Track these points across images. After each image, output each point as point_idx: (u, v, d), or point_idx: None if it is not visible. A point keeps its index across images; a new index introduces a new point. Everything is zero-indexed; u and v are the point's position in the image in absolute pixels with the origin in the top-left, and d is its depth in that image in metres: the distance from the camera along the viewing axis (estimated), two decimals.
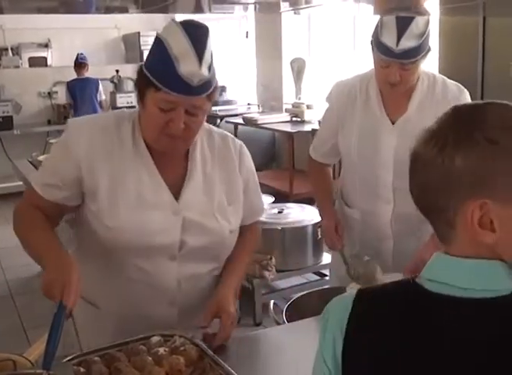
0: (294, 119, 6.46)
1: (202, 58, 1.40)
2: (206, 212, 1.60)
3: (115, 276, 1.59)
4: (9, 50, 7.95)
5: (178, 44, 1.39)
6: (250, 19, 7.88)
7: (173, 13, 7.13)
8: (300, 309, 1.92)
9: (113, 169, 1.55)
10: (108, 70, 7.77)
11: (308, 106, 6.42)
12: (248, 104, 7.79)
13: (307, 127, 5.98)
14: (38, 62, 8.09)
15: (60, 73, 7.75)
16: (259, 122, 6.52)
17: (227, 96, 7.94)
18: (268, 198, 4.36)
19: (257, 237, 1.86)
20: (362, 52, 5.78)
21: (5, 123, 7.09)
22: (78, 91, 7.25)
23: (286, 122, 6.46)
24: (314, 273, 4.10)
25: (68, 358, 1.36)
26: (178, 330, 1.50)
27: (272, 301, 2.36)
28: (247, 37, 7.94)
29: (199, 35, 1.42)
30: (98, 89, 7.36)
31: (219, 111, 7.32)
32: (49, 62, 8.19)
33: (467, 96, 2.08)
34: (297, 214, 3.92)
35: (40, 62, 8.10)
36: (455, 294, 0.84)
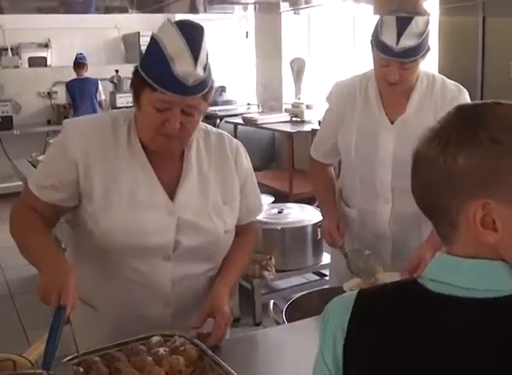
0: (294, 119, 6.46)
1: (197, 58, 1.40)
2: (201, 212, 1.59)
3: (111, 277, 1.59)
4: (9, 50, 7.95)
5: (173, 44, 1.40)
6: (250, 19, 7.88)
7: (173, 13, 7.13)
8: (299, 309, 1.92)
9: (108, 169, 1.55)
10: (107, 70, 7.77)
11: (308, 106, 6.41)
12: (248, 104, 7.79)
13: (307, 127, 5.97)
14: (38, 62, 8.08)
15: (60, 73, 7.75)
16: (259, 122, 6.52)
17: (227, 96, 7.94)
18: (268, 198, 4.35)
19: (255, 237, 1.85)
20: (362, 52, 5.78)
21: (5, 123, 7.09)
22: (77, 91, 7.25)
23: (286, 122, 6.46)
24: (314, 273, 4.10)
25: (68, 358, 1.36)
26: (178, 330, 1.50)
27: (272, 301, 2.36)
28: (246, 37, 7.93)
29: (194, 35, 1.42)
30: (98, 89, 7.36)
31: (219, 111, 7.31)
32: (49, 62, 8.19)
33: (467, 96, 2.08)
34: (297, 214, 3.91)
35: (40, 62, 8.09)
36: (457, 294, 0.83)
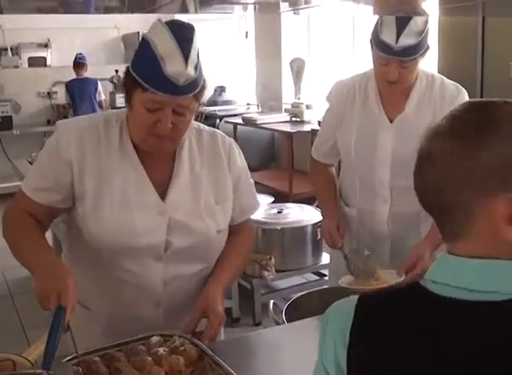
0: (293, 119, 6.46)
1: (188, 58, 1.40)
2: (192, 213, 1.59)
3: (104, 277, 1.59)
4: (9, 50, 7.95)
5: (164, 44, 1.39)
6: (250, 19, 7.88)
7: (173, 13, 7.13)
8: (299, 309, 1.92)
9: (100, 169, 1.55)
10: (107, 70, 7.77)
11: (308, 106, 6.41)
12: (247, 104, 7.79)
13: (307, 127, 5.97)
14: (38, 62, 8.08)
15: (60, 73, 7.76)
16: (258, 122, 6.51)
17: (226, 96, 7.94)
18: (268, 198, 4.35)
19: (250, 236, 1.83)
20: (361, 52, 5.78)
21: (5, 123, 7.09)
22: (77, 91, 7.25)
23: (286, 122, 6.45)
24: (314, 273, 4.10)
25: (67, 358, 1.36)
26: (177, 330, 1.50)
27: (272, 301, 2.36)
28: (246, 37, 7.94)
29: (185, 35, 1.42)
30: (97, 89, 7.36)
31: (218, 111, 7.32)
32: (49, 62, 8.19)
33: (466, 96, 2.08)
34: (297, 214, 3.91)
35: (40, 62, 8.09)
36: (460, 297, 0.82)
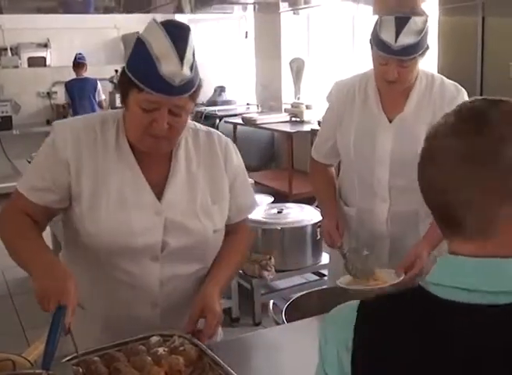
0: (293, 119, 6.46)
1: (183, 58, 1.40)
2: (188, 213, 1.59)
3: (100, 277, 1.58)
4: (8, 50, 7.96)
5: (159, 44, 1.39)
6: (250, 19, 7.88)
7: (172, 13, 7.13)
8: (299, 309, 1.92)
9: (97, 170, 1.55)
10: (107, 70, 7.77)
11: (307, 106, 6.41)
12: (247, 104, 7.79)
13: (307, 127, 5.97)
14: (37, 62, 8.08)
15: (59, 73, 7.76)
16: (258, 122, 6.51)
17: (226, 96, 7.94)
18: (268, 198, 4.35)
19: (248, 235, 1.82)
20: (361, 52, 5.78)
21: (4, 123, 7.09)
22: (76, 91, 7.25)
23: (285, 122, 6.46)
24: (314, 273, 4.10)
25: (67, 358, 1.36)
26: (177, 330, 1.50)
27: (272, 301, 2.35)
28: (246, 37, 7.94)
29: (180, 35, 1.42)
30: (97, 89, 7.36)
31: (218, 111, 7.32)
32: (48, 62, 8.19)
33: (465, 96, 2.08)
34: (297, 214, 3.91)
35: (40, 62, 8.10)
36: (460, 300, 0.82)
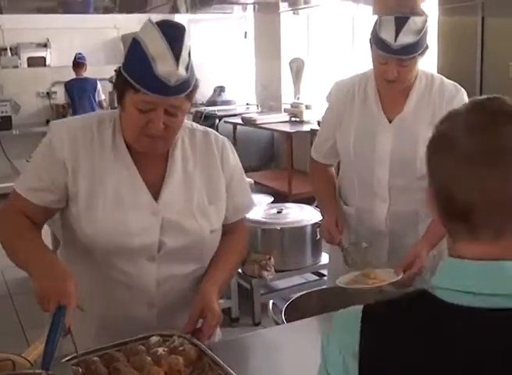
0: (293, 119, 6.46)
1: (179, 58, 1.40)
2: (185, 213, 1.59)
3: (97, 278, 1.58)
4: (8, 50, 7.96)
5: (154, 44, 1.39)
6: (249, 19, 7.88)
7: (176, 13, 7.13)
8: (299, 309, 1.92)
9: (94, 170, 1.54)
10: (107, 70, 7.76)
11: (307, 106, 6.41)
12: (247, 104, 7.79)
13: (306, 127, 5.97)
14: (37, 62, 8.09)
15: (59, 73, 7.76)
16: (258, 122, 6.51)
17: (226, 96, 7.94)
18: (267, 198, 4.35)
19: (245, 235, 1.82)
20: (361, 52, 5.79)
21: (4, 123, 7.09)
22: (76, 91, 7.25)
23: (285, 122, 6.46)
24: (313, 273, 4.10)
25: (67, 358, 1.36)
26: (177, 330, 1.50)
27: (271, 301, 2.35)
28: (245, 37, 7.94)
29: (175, 35, 1.42)
30: (96, 89, 7.36)
31: (218, 111, 7.31)
32: (48, 62, 8.20)
33: (465, 96, 2.08)
34: (296, 214, 3.91)
35: (39, 62, 8.10)
36: (466, 304, 0.81)
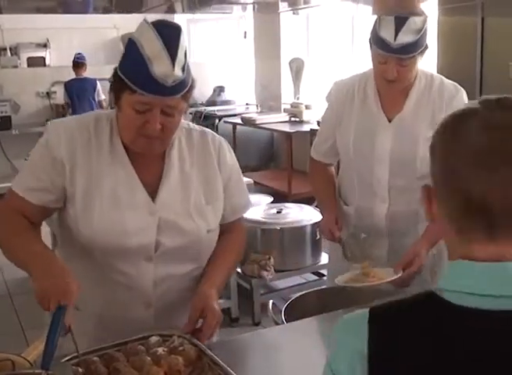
0: (293, 119, 6.46)
1: (175, 59, 1.39)
2: (182, 212, 1.59)
3: (94, 277, 1.58)
4: (8, 50, 7.96)
5: (150, 44, 1.39)
6: (249, 19, 7.88)
7: (172, 13, 7.13)
8: (298, 309, 1.92)
9: (91, 170, 1.54)
10: (106, 70, 7.68)
11: (307, 106, 6.42)
12: (247, 104, 7.79)
13: (306, 127, 5.98)
14: (37, 62, 8.09)
15: (58, 72, 7.75)
16: (257, 122, 6.51)
17: (225, 96, 7.94)
18: (267, 198, 4.35)
19: (242, 235, 1.82)
20: (360, 52, 5.79)
21: (4, 123, 7.08)
22: (76, 91, 7.24)
23: (285, 122, 6.46)
24: (313, 273, 4.10)
25: (67, 358, 1.36)
26: (177, 330, 1.50)
27: (271, 301, 2.35)
28: (245, 37, 7.94)
29: (171, 35, 1.41)
30: (96, 89, 7.36)
31: (217, 111, 7.31)
32: (47, 62, 8.20)
33: (464, 95, 2.09)
34: (296, 214, 3.91)
35: (39, 62, 8.10)
36: (473, 306, 0.80)
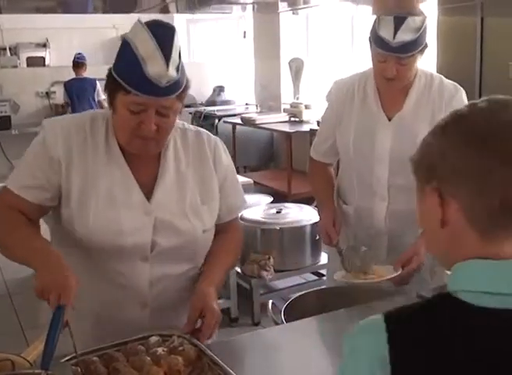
0: (292, 119, 6.46)
1: (169, 59, 1.39)
2: (178, 213, 1.58)
3: (90, 277, 1.57)
4: (7, 50, 7.96)
5: (144, 45, 1.39)
6: (249, 19, 7.88)
7: (173, 13, 7.13)
8: (298, 309, 1.91)
9: (87, 169, 1.54)
10: (105, 70, 7.67)
11: (306, 106, 6.42)
12: (246, 104, 7.79)
13: (306, 127, 5.98)
14: (36, 62, 8.09)
15: (58, 72, 7.75)
16: (257, 122, 6.51)
17: (225, 96, 7.94)
18: (267, 198, 4.35)
19: (239, 234, 1.82)
20: (360, 52, 5.79)
21: (3, 123, 7.08)
22: (75, 91, 7.24)
23: (284, 122, 6.46)
24: (313, 273, 4.10)
25: (66, 358, 1.36)
26: (176, 330, 1.50)
27: (271, 301, 2.35)
28: (244, 37, 7.94)
29: (165, 35, 1.41)
30: (96, 89, 7.36)
31: (217, 111, 7.31)
32: (47, 62, 8.20)
33: (464, 95, 2.09)
34: (296, 214, 3.91)
35: (38, 62, 8.10)
36: (489, 305, 0.80)
